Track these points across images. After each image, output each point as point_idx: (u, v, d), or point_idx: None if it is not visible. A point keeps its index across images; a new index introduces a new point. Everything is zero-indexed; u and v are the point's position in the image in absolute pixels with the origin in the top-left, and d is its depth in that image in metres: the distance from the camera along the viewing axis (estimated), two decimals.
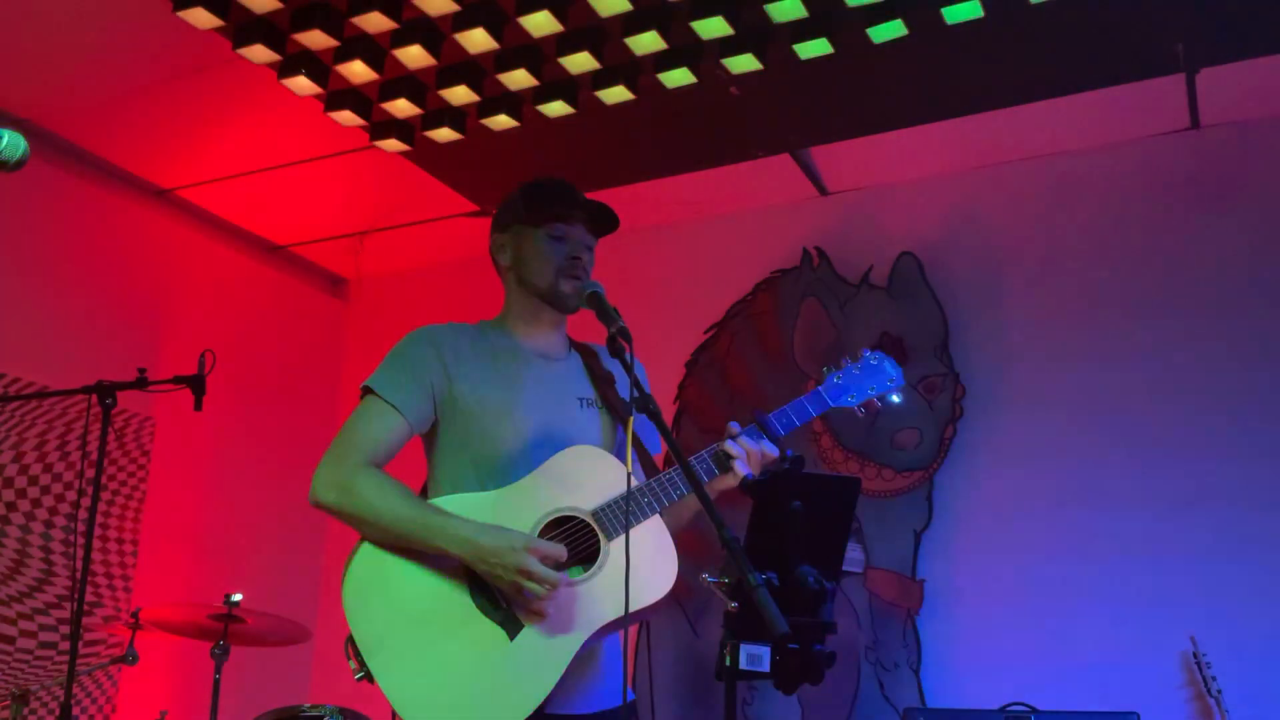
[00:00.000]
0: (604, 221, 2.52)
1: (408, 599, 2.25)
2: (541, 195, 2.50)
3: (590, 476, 2.30)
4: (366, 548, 2.31)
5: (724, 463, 2.32)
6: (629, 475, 2.19)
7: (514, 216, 2.54)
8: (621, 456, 2.45)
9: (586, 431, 2.42)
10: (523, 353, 2.47)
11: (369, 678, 2.22)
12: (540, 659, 2.18)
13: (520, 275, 2.51)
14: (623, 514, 2.24)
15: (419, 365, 2.40)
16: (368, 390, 2.40)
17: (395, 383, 2.39)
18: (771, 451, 2.32)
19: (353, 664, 2.24)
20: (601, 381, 2.50)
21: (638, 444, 2.43)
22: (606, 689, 2.37)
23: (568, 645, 2.19)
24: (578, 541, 2.27)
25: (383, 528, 2.27)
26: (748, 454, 2.32)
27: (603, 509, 2.26)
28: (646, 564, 2.19)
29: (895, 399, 2.50)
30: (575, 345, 2.58)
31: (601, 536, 2.25)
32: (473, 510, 2.27)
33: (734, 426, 2.35)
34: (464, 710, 2.17)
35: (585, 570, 2.25)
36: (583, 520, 2.27)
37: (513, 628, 2.20)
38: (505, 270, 2.56)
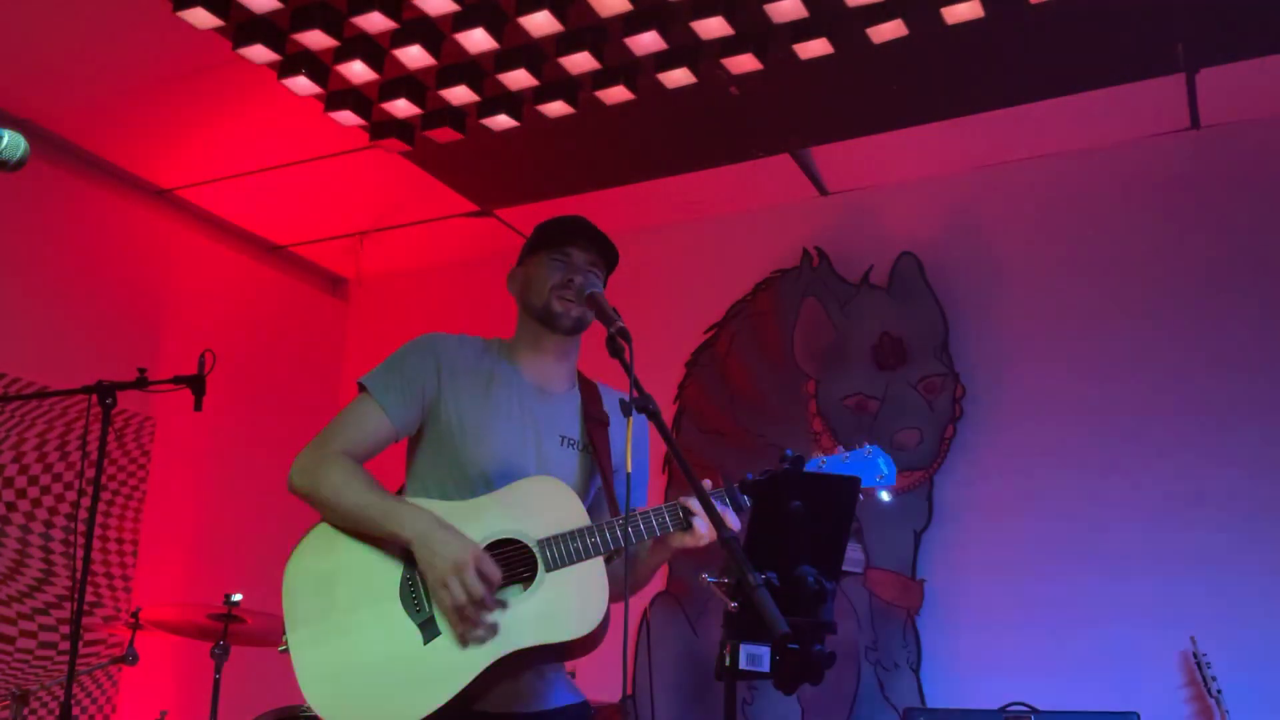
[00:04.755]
0: (607, 251, 2.52)
1: (340, 585, 2.31)
2: (548, 225, 2.54)
3: (545, 507, 2.32)
4: (319, 529, 2.37)
5: (684, 519, 2.30)
6: (628, 477, 2.19)
7: (526, 250, 2.58)
8: (595, 503, 2.48)
9: (560, 470, 2.42)
10: (519, 381, 2.48)
11: (288, 651, 2.28)
12: (446, 668, 2.20)
13: (525, 300, 2.54)
14: (567, 550, 2.26)
15: (414, 371, 2.43)
16: (361, 387, 2.45)
17: (388, 385, 2.42)
18: (734, 523, 2.25)
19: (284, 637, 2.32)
20: (595, 423, 2.50)
21: (610, 494, 2.43)
22: (554, 689, 2.38)
23: (477, 661, 2.20)
24: (514, 566, 2.29)
25: (344, 510, 2.32)
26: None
27: (549, 540, 2.28)
28: (572, 602, 2.24)
29: (884, 496, 2.46)
30: (582, 382, 2.58)
31: (541, 565, 2.27)
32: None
33: (706, 485, 2.30)
34: (359, 699, 2.22)
35: (522, 592, 2.27)
36: (524, 546, 2.29)
37: (429, 633, 2.23)
38: (516, 299, 2.58)
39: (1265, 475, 4.15)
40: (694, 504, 2.29)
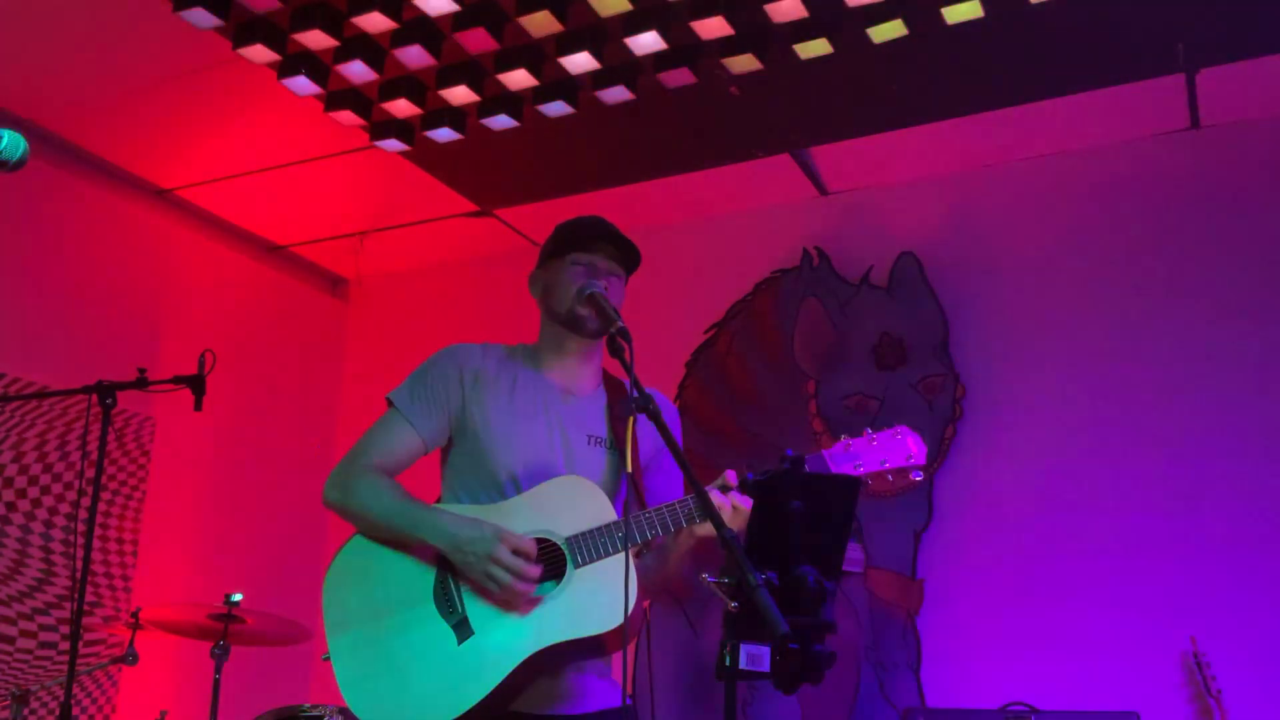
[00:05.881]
0: (629, 254, 2.55)
1: (376, 592, 2.36)
2: (569, 227, 2.56)
3: (573, 506, 2.35)
4: (355, 540, 2.44)
5: (700, 510, 2.29)
6: (628, 478, 2.20)
7: (547, 252, 2.60)
8: (627, 499, 2.47)
9: (587, 468, 2.46)
10: (544, 385, 2.52)
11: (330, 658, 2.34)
12: (480, 667, 2.25)
13: (547, 304, 2.56)
14: (595, 545, 2.30)
15: (438, 384, 2.49)
16: (389, 403, 2.51)
17: (413, 398, 2.49)
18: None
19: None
20: (621, 421, 2.52)
21: (637, 493, 2.45)
22: (595, 691, 2.40)
23: (510, 658, 2.25)
24: (547, 563, 2.32)
25: (373, 521, 2.40)
26: (734, 508, 2.29)
27: (576, 537, 2.32)
28: (600, 595, 2.26)
29: (916, 477, 2.44)
30: (608, 382, 2.61)
31: (570, 562, 2.31)
32: None
33: (730, 477, 2.33)
34: (397, 701, 2.27)
35: (553, 589, 2.31)
36: (554, 544, 2.33)
37: (463, 633, 2.29)
38: (539, 303, 2.61)
39: (1266, 474, 4.16)
40: (717, 497, 2.29)
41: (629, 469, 2.26)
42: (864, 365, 4.89)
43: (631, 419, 2.21)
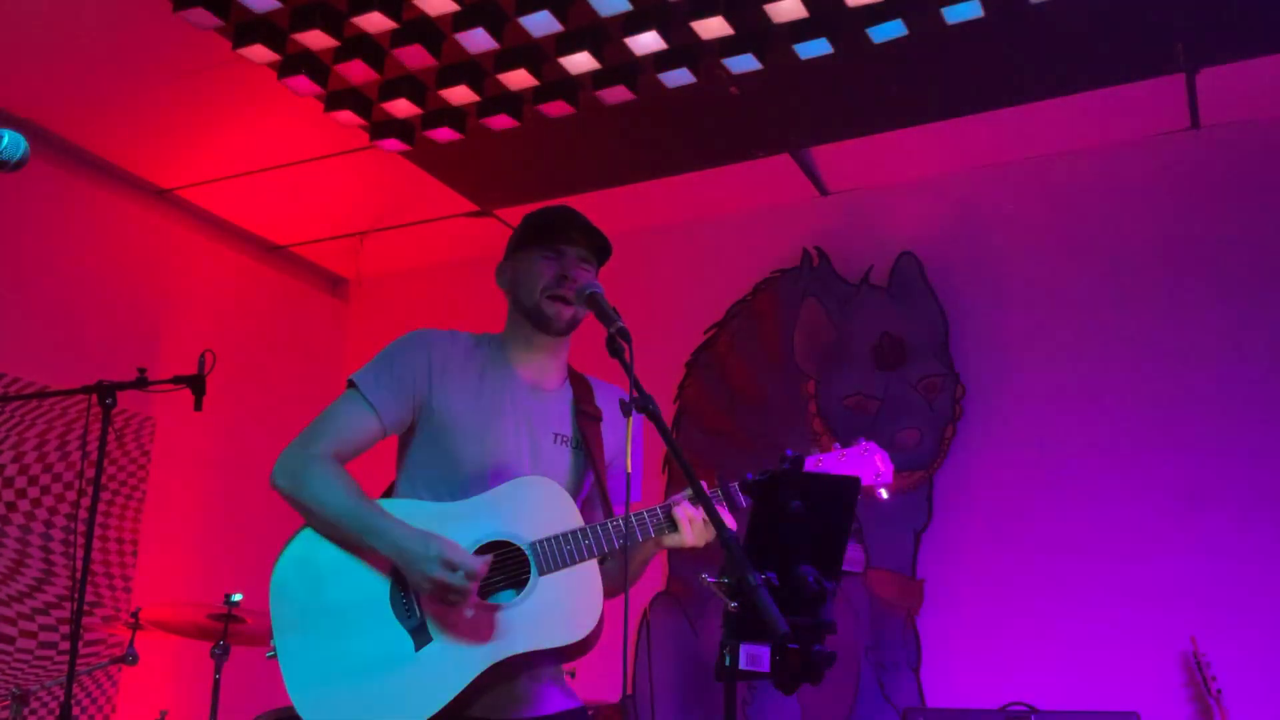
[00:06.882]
0: (598, 243, 2.48)
1: (329, 590, 2.26)
2: (537, 218, 2.49)
3: (539, 508, 2.28)
4: (306, 533, 2.32)
5: (671, 521, 2.29)
6: (628, 478, 2.18)
7: (514, 243, 2.53)
8: (588, 499, 2.45)
9: (553, 468, 2.39)
10: (511, 378, 2.44)
11: (276, 656, 2.24)
12: (439, 676, 2.17)
13: (515, 297, 2.49)
14: (561, 552, 2.23)
15: (404, 368, 2.38)
16: (351, 384, 2.40)
17: (378, 382, 2.38)
18: (730, 523, 2.20)
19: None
20: (587, 419, 2.46)
21: (604, 491, 2.40)
22: (551, 696, 2.35)
23: (469, 668, 2.18)
24: (507, 569, 2.26)
25: (324, 519, 2.28)
26: (703, 522, 2.26)
27: (541, 542, 2.25)
28: (566, 606, 2.21)
29: (882, 494, 2.40)
30: (573, 378, 2.54)
31: (534, 568, 2.24)
32: (416, 518, 2.26)
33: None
34: (349, 708, 2.18)
35: (515, 596, 2.24)
36: (517, 549, 2.26)
37: (421, 639, 2.21)
38: (506, 295, 2.54)
39: (1267, 474, 4.16)
40: (679, 510, 2.27)
41: (627, 469, 2.22)
42: (864, 365, 4.89)
43: (629, 420, 2.16)
